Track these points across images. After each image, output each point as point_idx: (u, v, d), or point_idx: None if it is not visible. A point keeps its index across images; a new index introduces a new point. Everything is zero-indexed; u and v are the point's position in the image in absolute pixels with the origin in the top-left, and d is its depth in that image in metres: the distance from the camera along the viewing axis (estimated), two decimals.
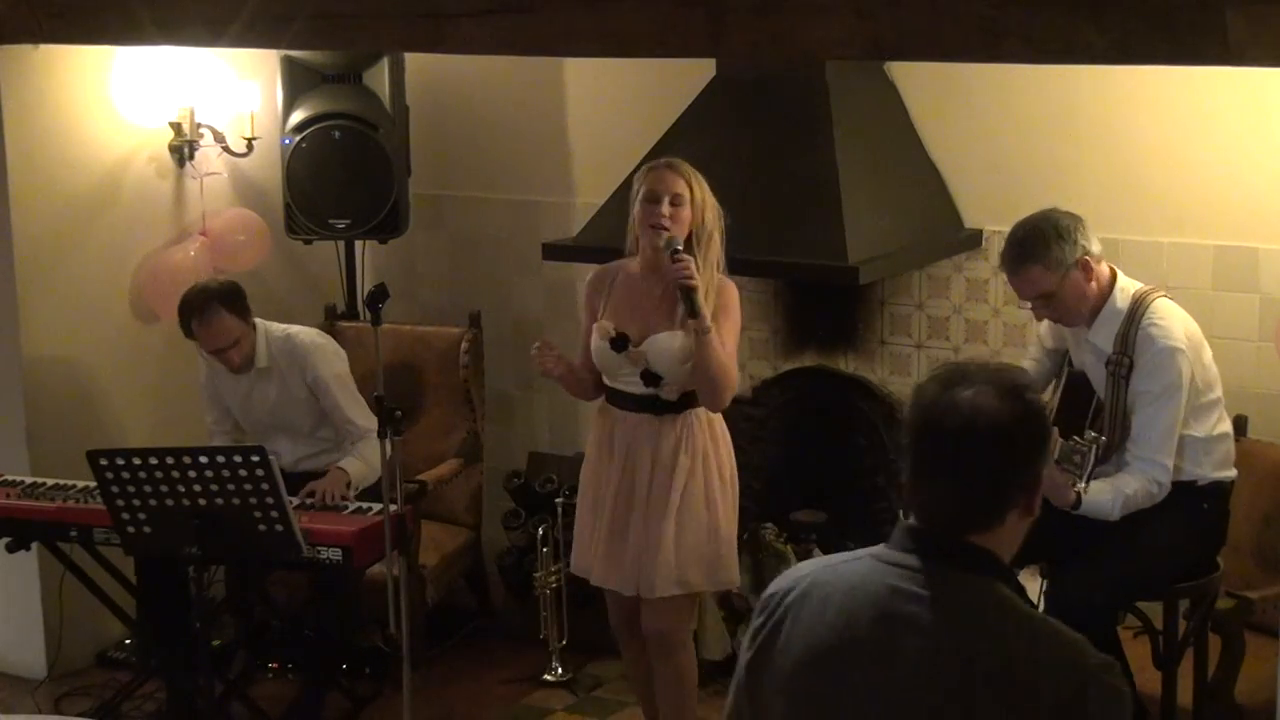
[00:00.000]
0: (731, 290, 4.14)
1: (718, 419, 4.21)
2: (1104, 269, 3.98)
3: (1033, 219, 3.98)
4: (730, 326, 4.10)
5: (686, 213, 4.04)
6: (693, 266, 3.96)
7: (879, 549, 2.25)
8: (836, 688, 2.20)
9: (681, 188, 4.05)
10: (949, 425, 2.15)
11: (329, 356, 4.91)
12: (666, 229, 4.01)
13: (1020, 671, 2.11)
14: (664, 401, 4.12)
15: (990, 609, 2.17)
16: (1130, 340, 3.90)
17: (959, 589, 2.17)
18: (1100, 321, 3.96)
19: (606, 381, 4.21)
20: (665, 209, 4.02)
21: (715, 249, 4.10)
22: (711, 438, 4.19)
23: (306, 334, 4.95)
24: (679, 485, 4.10)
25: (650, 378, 4.10)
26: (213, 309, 4.69)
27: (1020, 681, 2.11)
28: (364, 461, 4.78)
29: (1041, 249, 3.89)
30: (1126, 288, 3.97)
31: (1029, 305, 4.07)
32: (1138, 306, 3.92)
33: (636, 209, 4.09)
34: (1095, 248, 3.94)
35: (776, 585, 2.33)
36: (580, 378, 4.25)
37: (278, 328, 4.93)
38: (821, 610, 2.23)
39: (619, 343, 4.09)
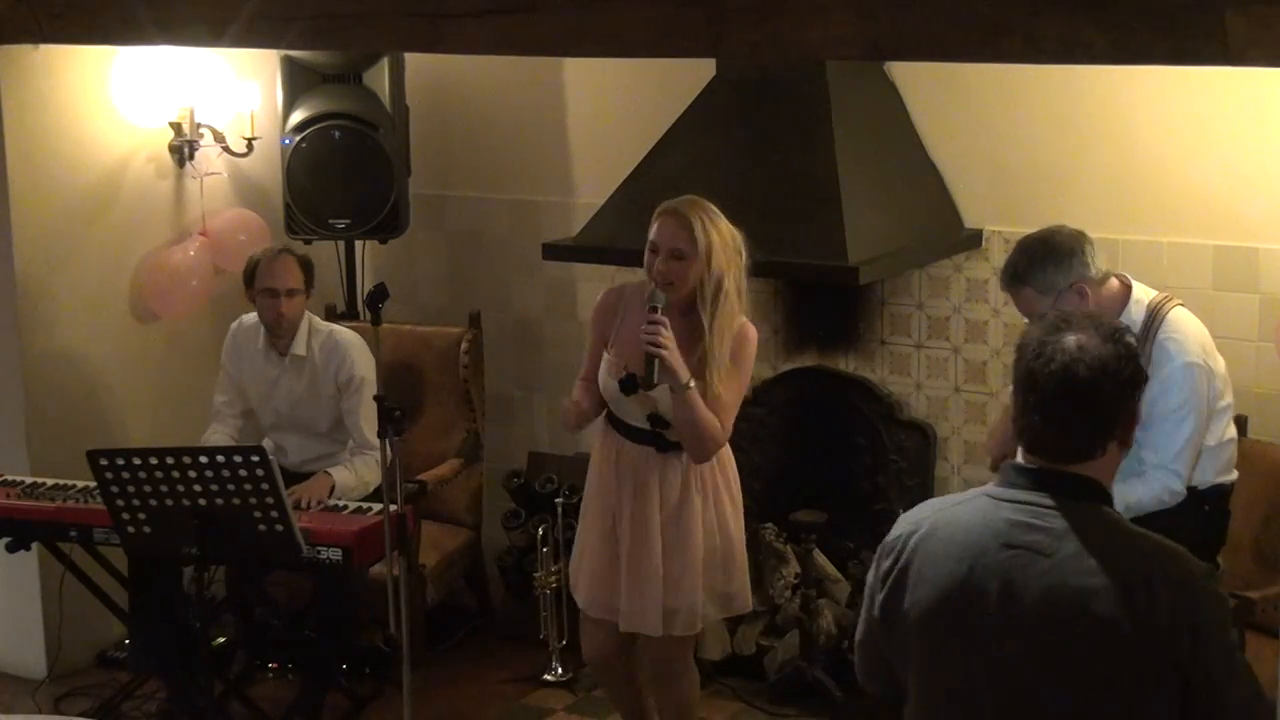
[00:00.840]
0: (747, 338, 3.99)
1: None
2: (1111, 285, 3.90)
3: (1033, 239, 3.89)
4: (736, 380, 3.96)
5: (688, 267, 3.86)
6: (663, 334, 3.78)
7: (989, 488, 2.51)
8: (968, 620, 2.42)
9: (683, 242, 3.85)
10: (1057, 364, 2.41)
11: (364, 358, 4.91)
12: (671, 283, 3.86)
13: (1136, 588, 2.33)
14: (668, 441, 4.01)
15: (1102, 532, 2.40)
16: (1147, 353, 3.88)
17: (1071, 516, 2.40)
18: None
19: (610, 408, 4.10)
20: (662, 265, 3.87)
21: (728, 298, 3.89)
22: (719, 465, 4.08)
23: (348, 333, 4.97)
24: (694, 527, 4.00)
25: (658, 420, 3.99)
26: (286, 255, 4.83)
27: (1136, 598, 2.32)
28: (354, 474, 4.77)
29: (1034, 272, 3.83)
30: (1141, 299, 3.92)
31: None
32: (1153, 319, 3.90)
33: (646, 251, 3.95)
34: (1094, 270, 3.84)
35: (899, 529, 2.58)
36: (585, 410, 4.10)
37: (322, 322, 4.97)
38: (946, 549, 2.46)
39: (628, 384, 3.91)
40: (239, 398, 5.01)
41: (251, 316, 4.98)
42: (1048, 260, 3.84)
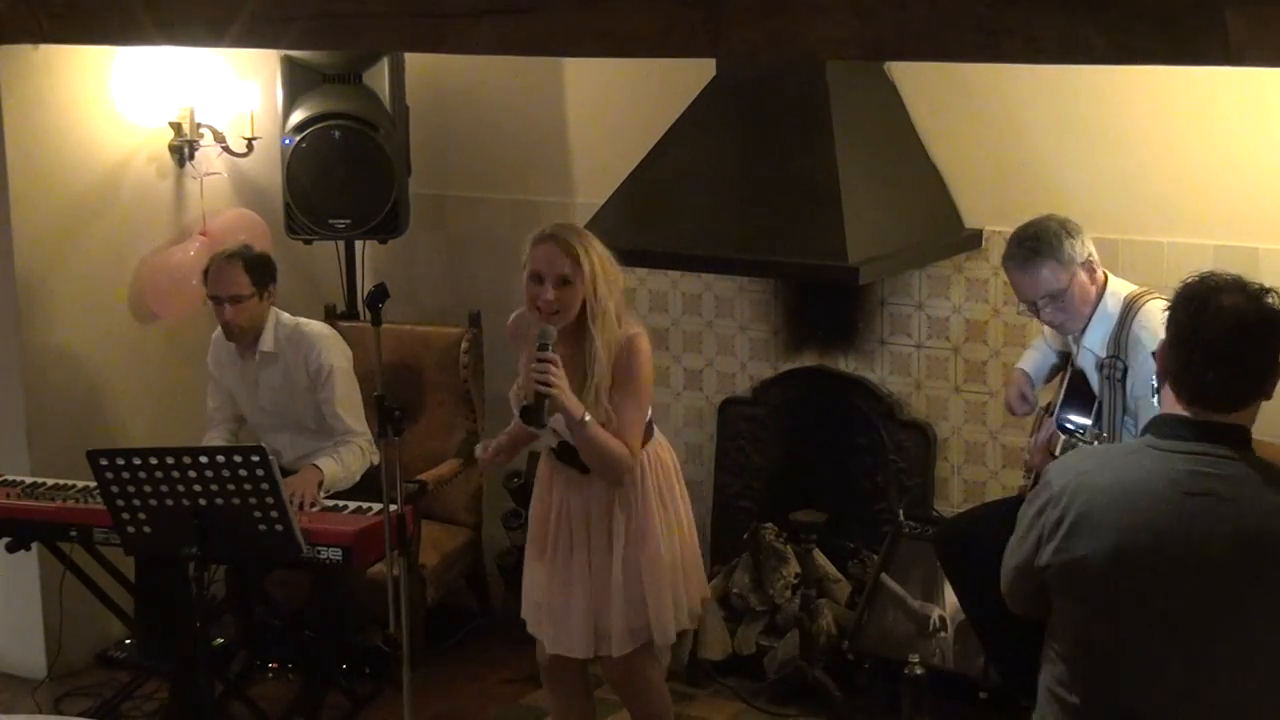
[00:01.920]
0: (634, 350, 3.87)
1: (658, 447, 4.03)
2: (1100, 274, 4.01)
3: (1038, 220, 4.01)
4: (631, 395, 3.85)
5: (575, 292, 3.82)
6: (553, 373, 3.71)
7: (1149, 440, 2.75)
8: (1152, 564, 2.65)
9: (567, 267, 3.82)
10: (1227, 320, 2.67)
11: (333, 347, 4.94)
12: (558, 311, 3.82)
13: None
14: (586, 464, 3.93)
15: (1266, 474, 2.67)
16: (1122, 344, 3.92)
17: (1238, 462, 2.67)
18: (1092, 325, 3.99)
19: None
20: (550, 294, 3.82)
21: (609, 319, 3.84)
22: (641, 486, 3.95)
23: (315, 325, 5.01)
24: (618, 551, 3.93)
25: (566, 448, 3.92)
26: (233, 260, 4.81)
27: None
28: (340, 464, 4.78)
29: (1055, 245, 3.93)
30: (1118, 291, 4.01)
31: (1026, 309, 4.08)
32: (1129, 310, 3.95)
33: (525, 282, 3.89)
34: (1092, 251, 4.00)
35: (1059, 480, 2.79)
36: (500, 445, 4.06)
37: (289, 317, 4.97)
38: (1123, 500, 2.69)
39: (530, 415, 3.77)
40: (228, 402, 5.03)
41: None
42: (1065, 234, 3.94)
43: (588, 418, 3.79)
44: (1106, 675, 2.75)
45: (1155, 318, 3.90)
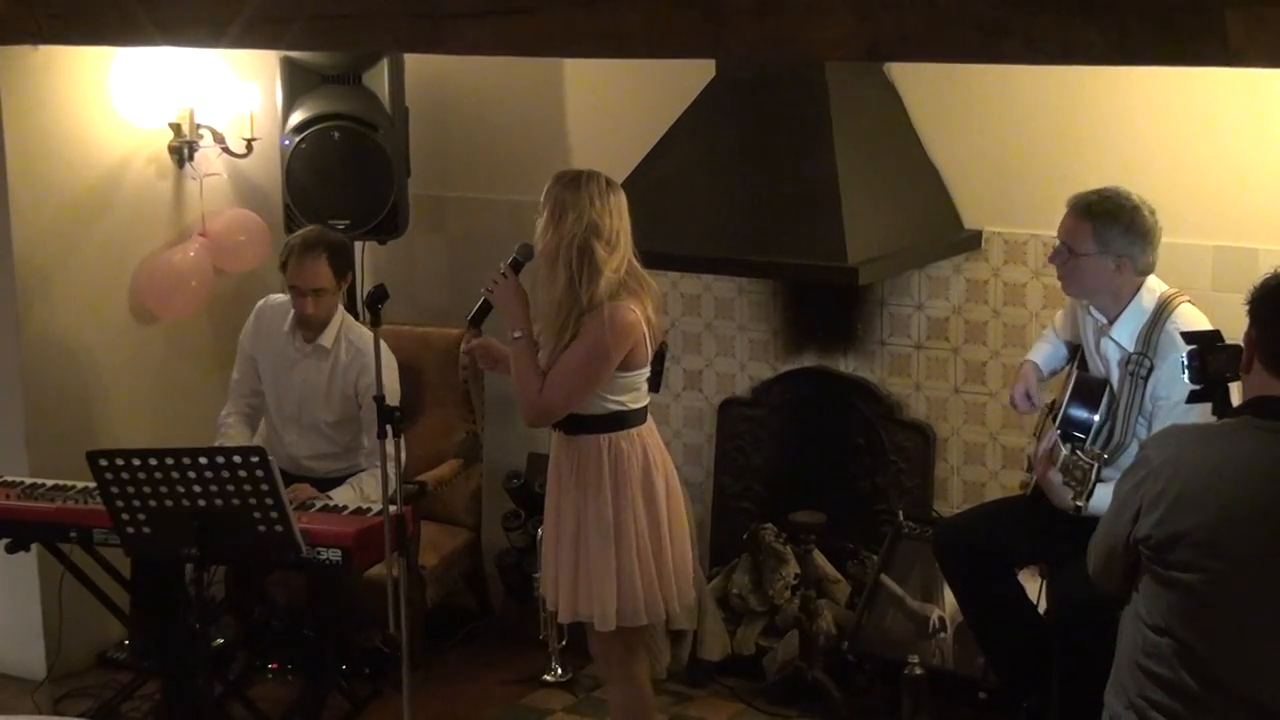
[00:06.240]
0: (601, 318, 3.86)
1: (626, 440, 4.01)
2: (1131, 277, 3.99)
3: (1130, 198, 3.99)
4: (574, 350, 3.88)
5: (543, 226, 3.94)
6: (505, 287, 3.99)
7: (1246, 419, 2.83)
8: (1264, 542, 2.71)
9: (543, 198, 3.97)
10: None
11: (394, 375, 4.93)
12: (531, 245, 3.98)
13: None
14: (574, 417, 3.99)
15: None
16: (1153, 342, 3.92)
17: None
18: (1124, 318, 3.98)
19: None
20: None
21: (553, 269, 3.91)
22: (598, 463, 3.98)
23: (383, 345, 4.92)
24: (567, 517, 4.02)
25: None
26: (316, 251, 4.79)
27: None
28: (359, 495, 4.77)
29: (1105, 221, 3.94)
30: (1154, 288, 4.00)
31: (1051, 255, 4.11)
32: (1163, 308, 3.94)
33: None
34: (1143, 262, 3.97)
35: (1159, 454, 2.85)
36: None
37: (358, 327, 4.95)
38: (1231, 474, 2.75)
39: (474, 315, 4.15)
40: (251, 375, 5.02)
41: (280, 296, 4.99)
42: (1125, 225, 3.94)
43: (518, 334, 3.95)
44: (1206, 651, 2.78)
45: (1190, 320, 3.90)
